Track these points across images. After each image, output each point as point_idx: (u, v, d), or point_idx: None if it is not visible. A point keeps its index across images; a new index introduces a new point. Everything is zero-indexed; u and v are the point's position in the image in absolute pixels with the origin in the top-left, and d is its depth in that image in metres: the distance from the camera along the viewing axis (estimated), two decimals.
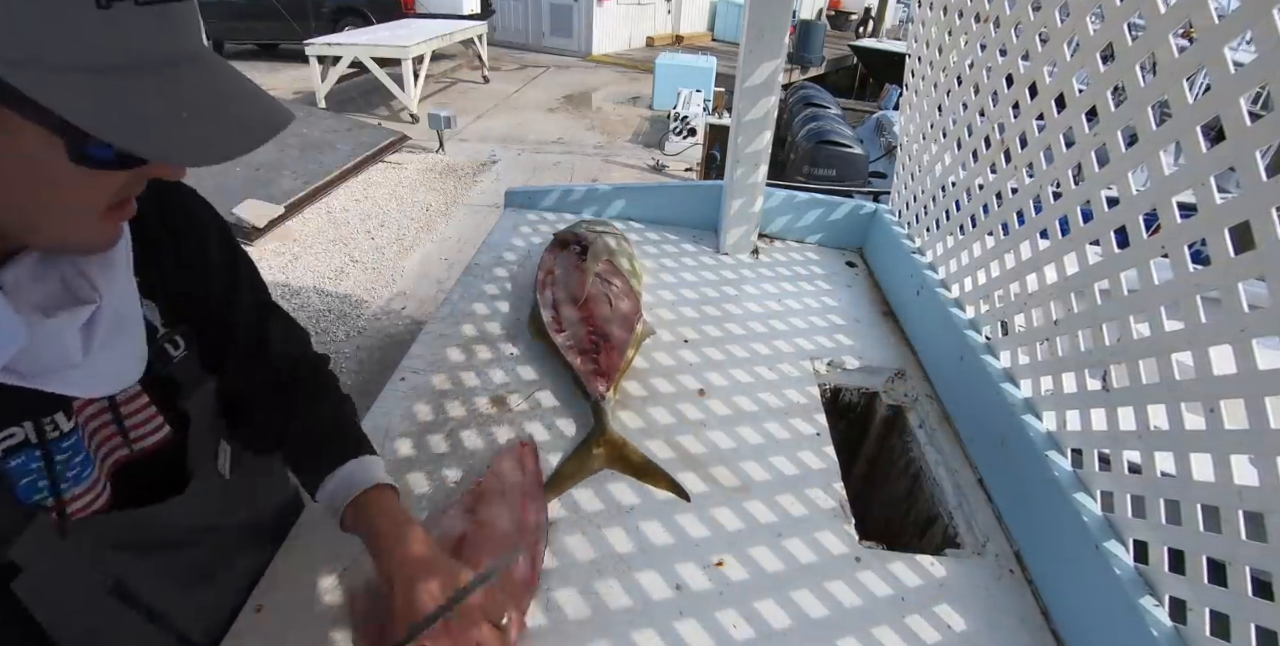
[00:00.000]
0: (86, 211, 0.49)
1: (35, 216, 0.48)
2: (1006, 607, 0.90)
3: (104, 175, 0.47)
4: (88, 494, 0.59)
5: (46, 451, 0.55)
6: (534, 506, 0.94)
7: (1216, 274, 0.71)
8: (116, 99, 0.42)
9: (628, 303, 1.36)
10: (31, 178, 0.45)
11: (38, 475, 0.55)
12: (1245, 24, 0.67)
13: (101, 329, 0.55)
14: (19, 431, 0.54)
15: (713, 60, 8.64)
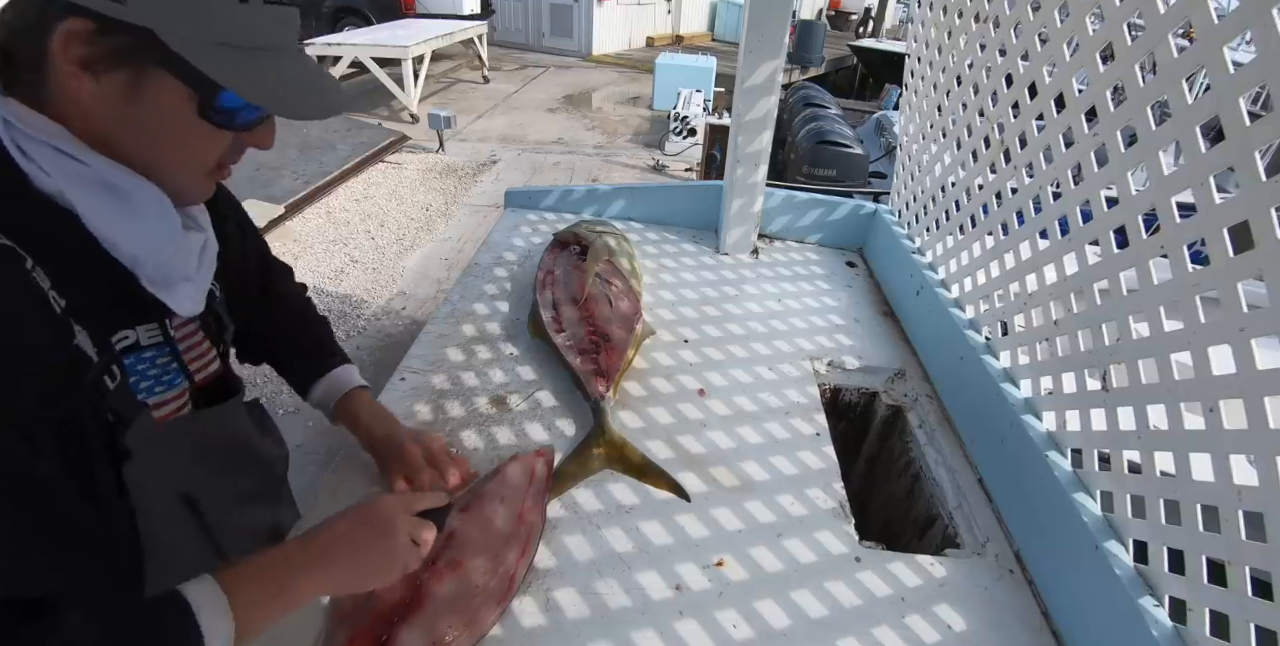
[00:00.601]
0: (198, 165, 0.62)
1: (163, 163, 0.60)
2: (1006, 607, 0.90)
3: (217, 134, 0.60)
4: (175, 401, 0.69)
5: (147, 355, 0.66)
6: (530, 517, 0.92)
7: (1216, 274, 0.71)
8: (244, 68, 0.56)
9: (627, 303, 1.36)
10: (166, 130, 0.58)
11: (141, 376, 0.65)
12: (1245, 24, 0.67)
13: (206, 256, 0.69)
14: (130, 334, 0.64)
15: (713, 60, 8.63)
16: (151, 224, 0.60)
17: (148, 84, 0.55)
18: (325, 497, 0.95)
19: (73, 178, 0.55)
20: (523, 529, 0.90)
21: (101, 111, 0.55)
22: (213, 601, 0.54)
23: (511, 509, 0.92)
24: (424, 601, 0.79)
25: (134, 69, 0.54)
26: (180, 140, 0.59)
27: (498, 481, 0.96)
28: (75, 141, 0.55)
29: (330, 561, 0.63)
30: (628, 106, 8.74)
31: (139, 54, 0.53)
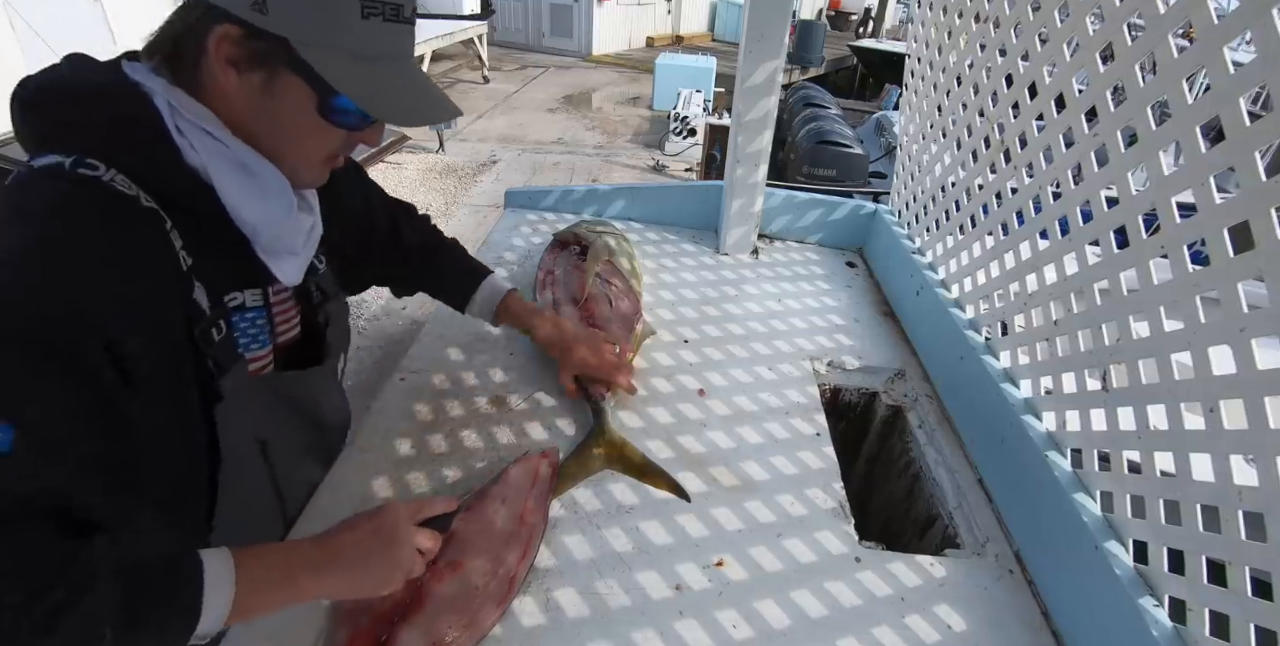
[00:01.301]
0: (313, 156, 0.72)
1: (285, 150, 0.69)
2: (1006, 607, 0.90)
3: (332, 130, 0.69)
4: (263, 359, 0.78)
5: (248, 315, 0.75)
6: (531, 519, 0.91)
7: (1216, 274, 0.71)
8: (360, 76, 0.64)
9: (627, 303, 1.36)
10: (290, 123, 0.67)
11: (241, 333, 0.74)
12: (1245, 24, 0.67)
13: (312, 235, 0.79)
14: (239, 296, 0.74)
15: (713, 60, 8.63)
16: (272, 201, 0.70)
17: (279, 83, 0.64)
18: (326, 493, 0.95)
19: (215, 155, 0.65)
20: (524, 530, 0.90)
21: (242, 102, 0.65)
22: (222, 575, 0.58)
23: (513, 510, 0.92)
24: (424, 601, 0.79)
25: (270, 69, 0.63)
26: (300, 133, 0.68)
27: (501, 482, 0.96)
28: (221, 126, 0.66)
29: (337, 565, 0.67)
30: (628, 106, 8.74)
31: (275, 57, 0.62)
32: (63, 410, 0.53)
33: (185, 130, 0.64)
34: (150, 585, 0.54)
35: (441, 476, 1.00)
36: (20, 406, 0.51)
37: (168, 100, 0.64)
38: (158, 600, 0.54)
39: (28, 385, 0.52)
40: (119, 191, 0.60)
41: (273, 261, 0.74)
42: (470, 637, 0.77)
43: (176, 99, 0.64)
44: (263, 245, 0.72)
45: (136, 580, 0.53)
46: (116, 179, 0.61)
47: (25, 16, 4.52)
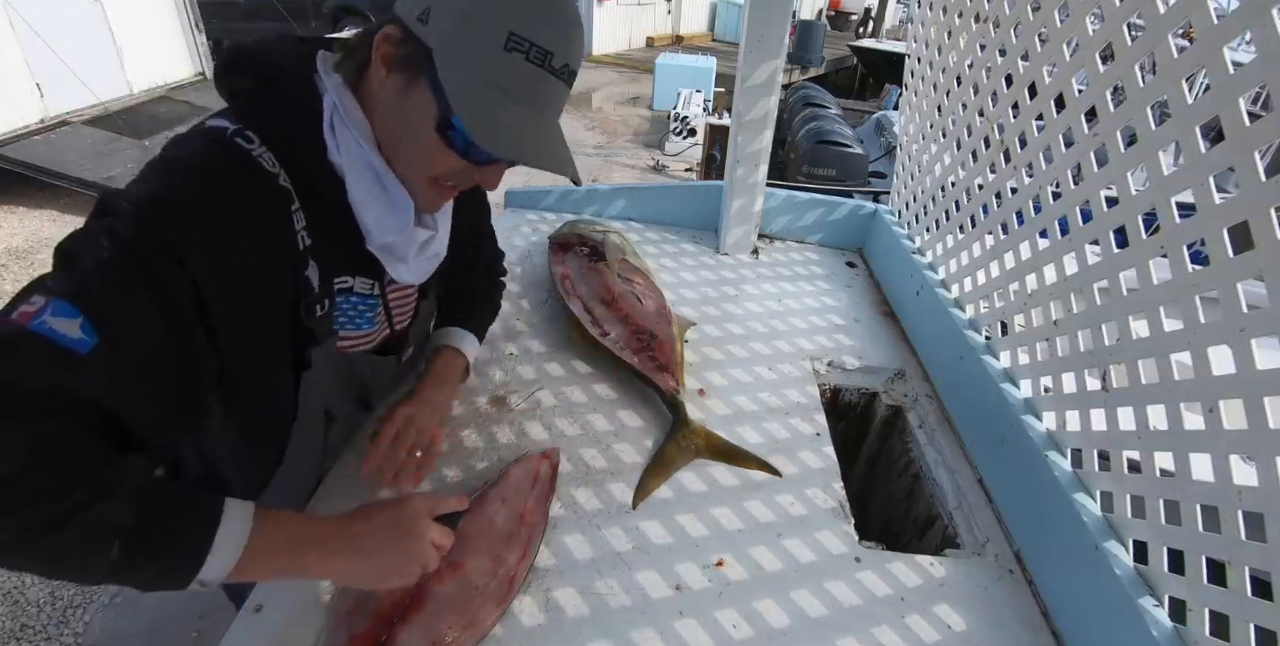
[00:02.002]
0: (421, 169, 0.73)
1: (400, 157, 0.73)
2: (1006, 607, 0.90)
3: (446, 151, 0.70)
4: (357, 339, 0.87)
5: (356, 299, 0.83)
6: (531, 518, 0.92)
7: (1215, 274, 0.71)
8: (482, 104, 0.65)
9: (656, 297, 1.37)
10: (410, 130, 0.70)
11: (342, 313, 0.82)
12: (1245, 24, 0.67)
13: (429, 249, 0.86)
14: (349, 281, 0.81)
15: (713, 60, 8.63)
16: (393, 212, 0.75)
17: (415, 88, 0.67)
18: (324, 493, 0.94)
19: (355, 159, 0.71)
20: (524, 530, 0.90)
21: (384, 100, 0.70)
22: (239, 528, 0.59)
23: (513, 510, 0.92)
24: (424, 601, 0.79)
25: (411, 74, 0.67)
26: (419, 143, 0.70)
27: (501, 483, 0.96)
28: (370, 137, 0.71)
29: (350, 550, 0.68)
30: (628, 106, 8.74)
31: (419, 64, 0.66)
32: (144, 331, 0.57)
33: (338, 130, 0.70)
34: (168, 512, 0.56)
35: (442, 476, 1.00)
36: (109, 318, 0.55)
37: (334, 100, 0.70)
38: (171, 528, 0.56)
39: (120, 300, 0.56)
40: (260, 165, 0.67)
41: (385, 260, 0.80)
42: (470, 637, 0.77)
43: (343, 100, 0.70)
44: (374, 246, 0.78)
45: (156, 503, 0.55)
46: (264, 155, 0.67)
47: (25, 16, 4.52)
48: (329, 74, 0.71)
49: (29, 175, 4.40)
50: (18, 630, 2.00)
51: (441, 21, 0.64)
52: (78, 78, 4.80)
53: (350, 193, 0.72)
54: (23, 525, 0.48)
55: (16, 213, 4.51)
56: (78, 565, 0.52)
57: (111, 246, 0.57)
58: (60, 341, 0.53)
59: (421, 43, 0.65)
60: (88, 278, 0.56)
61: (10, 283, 3.75)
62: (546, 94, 0.70)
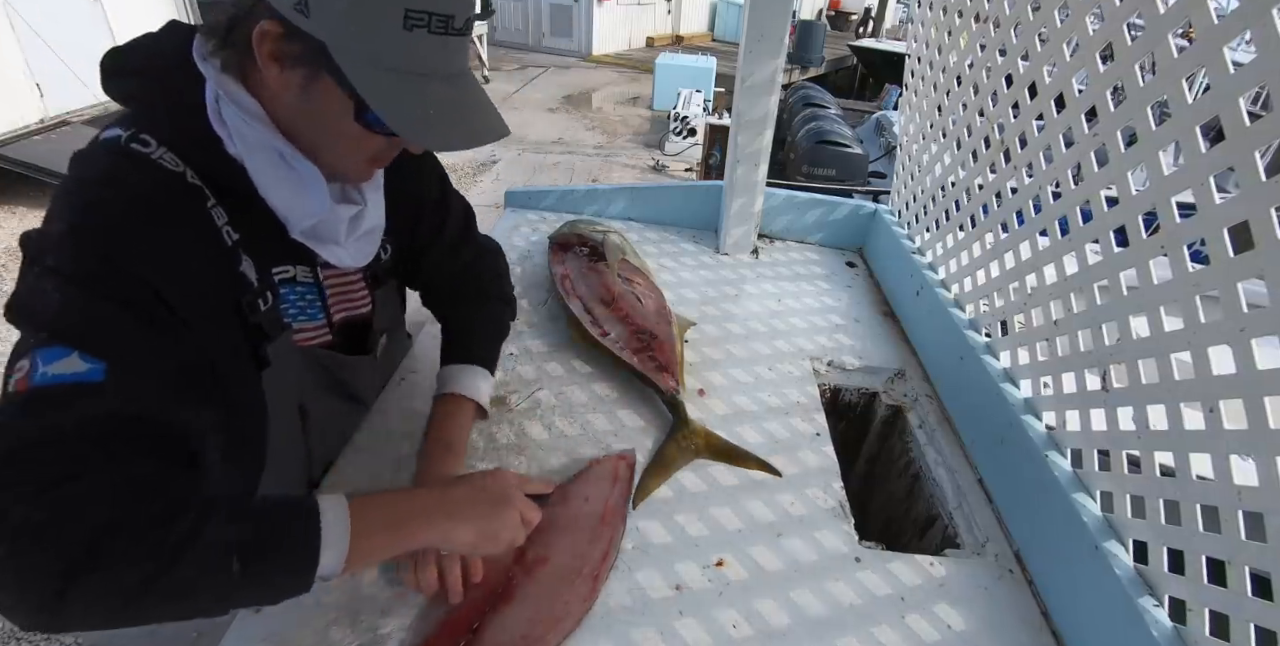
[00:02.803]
0: (353, 157, 0.72)
1: (324, 151, 0.70)
2: (1006, 607, 0.90)
3: (371, 136, 0.68)
4: (314, 331, 0.84)
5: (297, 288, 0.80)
6: (613, 519, 0.92)
7: (1216, 274, 0.71)
8: (396, 91, 0.62)
9: (655, 298, 1.37)
10: (328, 123, 0.67)
11: (290, 305, 0.80)
12: (1245, 24, 0.67)
13: (361, 225, 0.81)
14: (290, 270, 0.79)
15: (713, 60, 8.63)
16: (307, 194, 0.72)
17: (317, 86, 0.64)
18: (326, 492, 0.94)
19: (253, 147, 0.67)
20: (605, 530, 0.90)
21: (283, 98, 0.66)
22: (339, 516, 0.60)
23: (595, 509, 0.93)
24: (513, 594, 0.81)
25: (309, 71, 0.63)
26: (338, 136, 0.68)
27: (581, 482, 0.97)
28: (264, 118, 0.67)
29: (450, 515, 0.69)
30: (628, 106, 8.74)
31: (313, 60, 0.62)
32: (137, 339, 0.58)
33: (227, 119, 0.66)
34: (267, 518, 0.57)
35: None
36: (100, 340, 0.55)
37: (214, 88, 0.66)
38: (278, 533, 0.57)
39: (99, 321, 0.56)
40: (165, 167, 0.65)
41: (316, 246, 0.77)
42: (557, 634, 0.78)
43: (225, 87, 0.66)
44: (302, 232, 0.75)
45: (253, 512, 0.56)
46: (165, 156, 0.65)
47: (25, 16, 4.52)
48: (205, 59, 0.66)
49: (29, 175, 4.40)
50: (18, 630, 2.01)
51: (327, 11, 0.59)
52: (78, 78, 4.80)
53: (257, 183, 0.69)
54: (143, 572, 0.48)
55: (16, 213, 4.51)
56: (208, 592, 0.52)
57: (59, 281, 0.56)
58: (72, 380, 0.53)
59: (310, 37, 0.60)
60: (56, 317, 0.55)
61: (9, 282, 3.75)
62: (455, 57, 0.66)
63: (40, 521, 0.47)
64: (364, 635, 0.77)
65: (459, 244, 1.05)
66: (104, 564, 0.47)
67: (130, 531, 0.48)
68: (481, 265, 1.11)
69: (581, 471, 0.99)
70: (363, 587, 0.83)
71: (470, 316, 1.07)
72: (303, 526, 0.58)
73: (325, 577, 0.59)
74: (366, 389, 1.04)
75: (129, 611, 0.50)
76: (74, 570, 0.46)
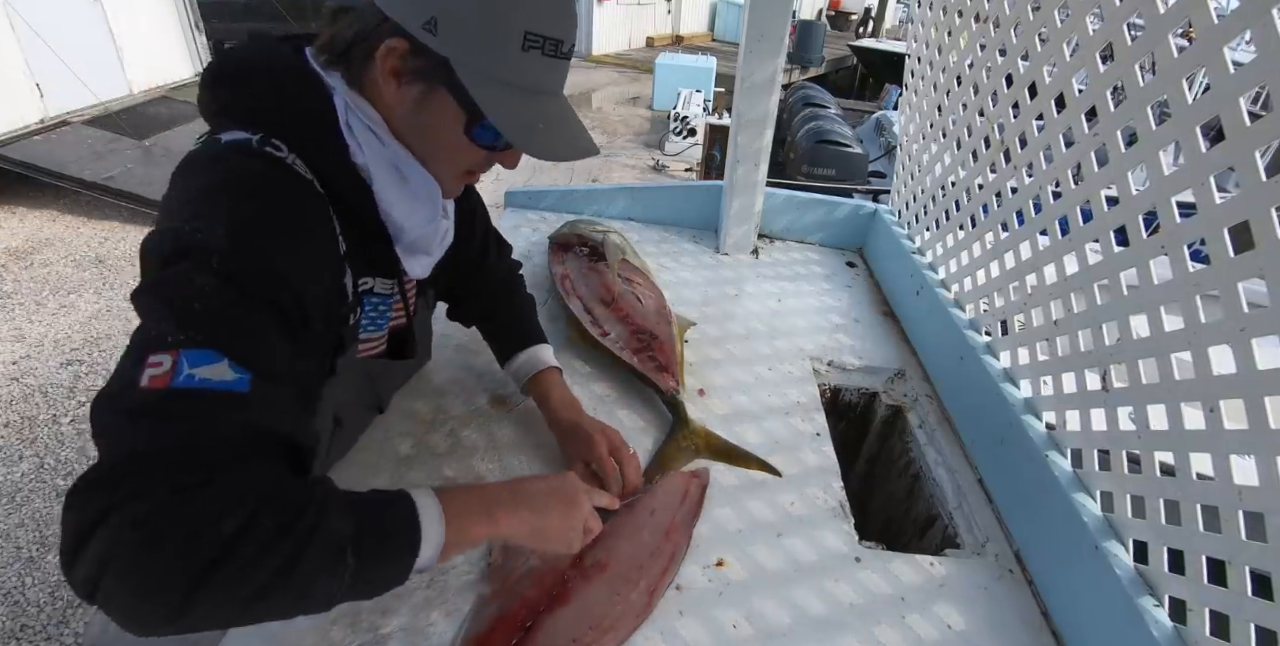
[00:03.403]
0: (453, 167, 0.77)
1: (429, 161, 0.75)
2: (1006, 607, 0.90)
3: (474, 149, 0.73)
4: (376, 341, 0.88)
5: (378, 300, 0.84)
6: (676, 537, 0.92)
7: (1216, 273, 0.71)
8: (509, 104, 0.67)
9: (654, 298, 1.37)
10: (437, 136, 0.72)
11: (364, 316, 0.82)
12: (1245, 24, 0.67)
13: (445, 240, 0.88)
14: (370, 281, 0.81)
15: (713, 60, 8.63)
16: (421, 205, 0.77)
17: (434, 98, 0.68)
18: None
19: (377, 157, 0.71)
20: (668, 546, 0.90)
21: (399, 111, 0.70)
22: (433, 508, 0.62)
23: (660, 524, 0.93)
24: (569, 597, 0.81)
25: (428, 85, 0.68)
26: (445, 147, 0.73)
27: (650, 495, 0.97)
28: (385, 129, 0.71)
29: (530, 508, 0.71)
30: (628, 106, 8.74)
31: (434, 75, 0.67)
32: (280, 354, 0.59)
33: (355, 130, 0.69)
34: (373, 511, 0.58)
35: (442, 475, 1.00)
36: (250, 351, 0.56)
37: (345, 99, 0.69)
38: (384, 525, 0.58)
39: (251, 331, 0.57)
40: (299, 174, 0.66)
41: (407, 258, 0.81)
42: (607, 642, 0.78)
43: (352, 99, 0.69)
44: (404, 244, 0.79)
45: (360, 506, 0.57)
46: (296, 162, 0.66)
47: (25, 16, 4.52)
48: (325, 71, 0.70)
49: (29, 175, 4.40)
50: (18, 630, 2.01)
51: (454, 31, 0.64)
52: (78, 78, 4.80)
53: (379, 193, 0.73)
54: (267, 576, 0.49)
55: (16, 213, 4.51)
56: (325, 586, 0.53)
57: (216, 282, 0.56)
58: (219, 388, 0.53)
59: (434, 54, 0.65)
60: (211, 319, 0.55)
61: (9, 282, 3.75)
62: (559, 77, 0.73)
63: (171, 526, 0.47)
64: (364, 635, 0.77)
65: (483, 260, 1.10)
66: (232, 569, 0.48)
67: (258, 538, 0.49)
68: (504, 262, 1.16)
69: (652, 484, 1.00)
70: None
71: (515, 306, 1.14)
72: (406, 521, 0.60)
73: (421, 569, 0.60)
74: (390, 393, 1.08)
75: (246, 614, 0.50)
76: (204, 576, 0.47)
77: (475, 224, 1.07)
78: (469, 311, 1.14)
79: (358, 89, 0.70)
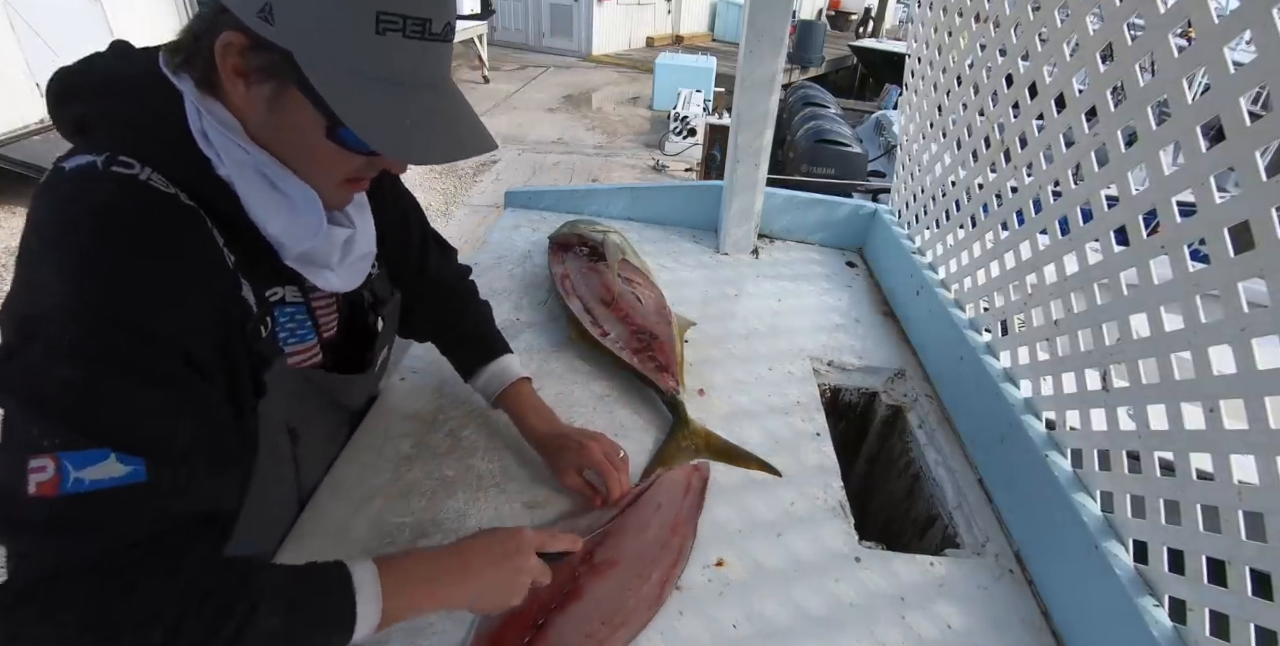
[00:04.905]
0: (328, 177, 0.66)
1: (299, 169, 0.64)
2: (1006, 607, 0.90)
3: (346, 154, 0.63)
4: (306, 353, 0.78)
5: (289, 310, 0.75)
6: (683, 529, 0.93)
7: (1216, 273, 0.71)
8: (370, 102, 0.57)
9: (654, 298, 1.37)
10: (300, 142, 0.62)
11: (281, 327, 0.74)
12: (1245, 24, 0.67)
13: (353, 250, 0.76)
14: (280, 291, 0.73)
15: (713, 60, 8.63)
16: (301, 216, 0.66)
17: (286, 100, 0.59)
18: (326, 492, 0.94)
19: (242, 167, 0.62)
20: (675, 539, 0.91)
21: (253, 114, 0.61)
22: (370, 586, 0.60)
23: (665, 518, 0.93)
24: (581, 594, 0.81)
25: (278, 84, 0.58)
26: (311, 154, 0.63)
27: (654, 488, 0.98)
28: (243, 134, 0.62)
29: (471, 576, 0.68)
30: (628, 106, 8.74)
31: (281, 72, 0.57)
32: (167, 419, 0.53)
33: (213, 139, 0.61)
34: (307, 599, 0.57)
35: (442, 475, 1.00)
36: (130, 435, 0.51)
37: (196, 106, 0.60)
38: (317, 614, 0.57)
39: (126, 409, 0.52)
40: (159, 189, 0.58)
41: (307, 272, 0.72)
42: (622, 638, 0.78)
43: (205, 105, 0.61)
44: (294, 258, 0.70)
45: (293, 593, 0.56)
46: (153, 177, 0.58)
47: (25, 16, 4.52)
48: (176, 75, 0.61)
49: (29, 175, 4.40)
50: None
51: (292, 18, 0.54)
52: None
53: (247, 206, 0.63)
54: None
55: (17, 213, 4.51)
56: None
57: (71, 363, 0.50)
58: (114, 485, 0.49)
59: (275, 46, 0.56)
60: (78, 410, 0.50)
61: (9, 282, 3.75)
62: (434, 65, 0.62)
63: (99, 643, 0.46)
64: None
65: (422, 266, 1.01)
66: None
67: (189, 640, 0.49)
68: (449, 268, 1.07)
69: (654, 479, 1.00)
70: None
71: (470, 315, 1.08)
72: (341, 605, 0.58)
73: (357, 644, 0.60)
74: (358, 401, 1.01)
75: None
76: None
77: (409, 229, 0.98)
78: (418, 326, 1.05)
79: (210, 92, 0.61)
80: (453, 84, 0.66)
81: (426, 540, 0.89)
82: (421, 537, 0.90)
